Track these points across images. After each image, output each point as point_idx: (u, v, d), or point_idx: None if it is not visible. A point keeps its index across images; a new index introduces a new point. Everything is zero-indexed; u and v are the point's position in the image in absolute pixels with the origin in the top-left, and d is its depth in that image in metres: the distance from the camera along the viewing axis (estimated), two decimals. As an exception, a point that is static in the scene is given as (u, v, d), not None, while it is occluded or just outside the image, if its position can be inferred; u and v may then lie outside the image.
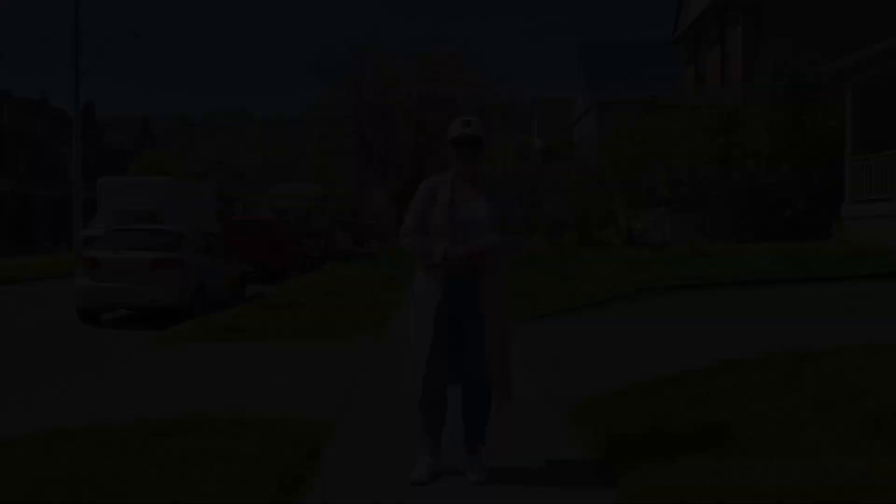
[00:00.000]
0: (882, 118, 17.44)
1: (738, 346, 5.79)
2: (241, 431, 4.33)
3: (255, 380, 6.53)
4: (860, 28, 20.12)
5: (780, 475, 2.99)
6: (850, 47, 17.66)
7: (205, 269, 12.44)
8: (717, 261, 11.28)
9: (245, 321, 9.98)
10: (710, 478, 3.10)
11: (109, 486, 3.32)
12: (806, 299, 8.32)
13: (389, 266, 20.02)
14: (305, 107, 48.79)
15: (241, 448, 3.96)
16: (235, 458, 3.79)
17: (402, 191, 45.35)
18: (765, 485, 2.91)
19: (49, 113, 50.98)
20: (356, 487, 3.74)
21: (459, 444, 3.96)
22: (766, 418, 3.68)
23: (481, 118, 4.66)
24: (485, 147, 3.90)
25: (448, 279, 3.79)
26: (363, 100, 44.18)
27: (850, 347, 4.89)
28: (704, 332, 6.83)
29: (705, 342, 6.34)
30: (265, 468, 3.69)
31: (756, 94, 18.79)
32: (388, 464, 4.07)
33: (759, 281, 9.93)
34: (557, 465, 3.97)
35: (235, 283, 14.38)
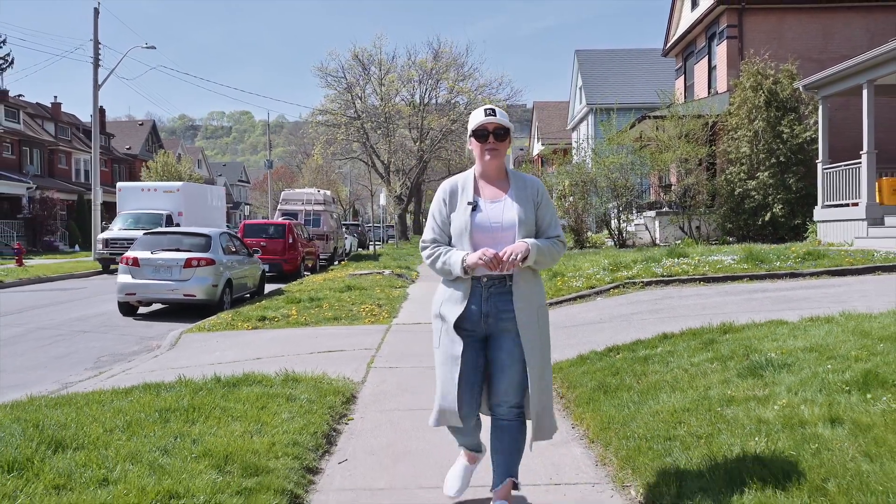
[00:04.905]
0: (849, 129, 18.83)
1: (686, 325, 7.15)
2: (294, 385, 5.72)
3: (296, 352, 7.89)
4: (838, 44, 21.55)
5: (679, 400, 4.37)
6: (830, 62, 19.02)
7: (231, 268, 13.83)
8: (690, 260, 12.62)
9: (272, 312, 11.37)
10: (633, 405, 4.49)
11: (215, 412, 4.72)
12: (759, 292, 9.69)
13: (395, 265, 21.44)
14: (310, 111, 50.17)
15: (297, 394, 5.34)
16: (296, 400, 5.18)
17: (405, 193, 46.97)
18: (666, 404, 4.30)
19: (61, 118, 52.55)
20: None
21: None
22: (683, 369, 5.06)
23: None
24: (510, 137, 3.43)
25: (475, 289, 3.31)
26: (367, 104, 45.77)
27: (763, 324, 6.28)
28: (665, 317, 8.19)
29: (663, 323, 7.69)
30: (319, 406, 5.09)
31: (738, 105, 20.12)
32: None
33: (724, 277, 11.30)
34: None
35: (256, 280, 15.76)
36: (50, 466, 3.67)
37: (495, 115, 3.37)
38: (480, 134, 3.39)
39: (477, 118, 3.41)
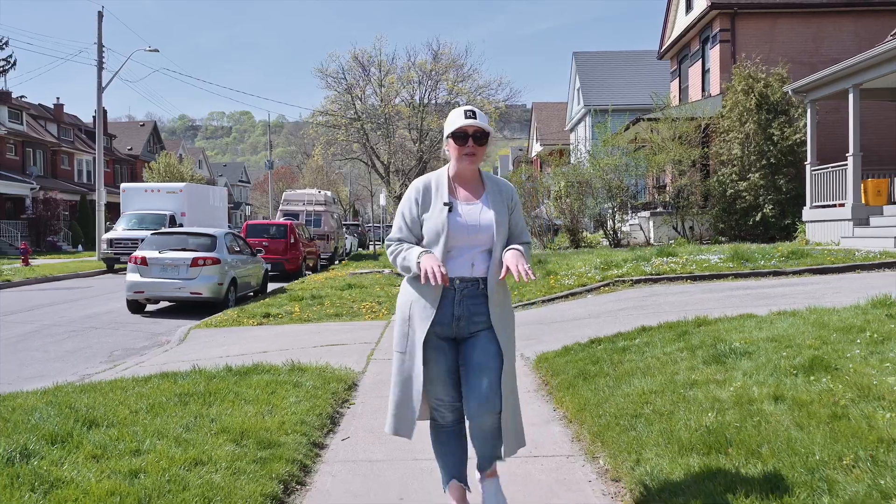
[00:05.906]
0: (841, 131, 19.29)
1: (667, 319, 7.62)
2: (300, 374, 6.20)
3: (300, 345, 8.37)
4: (828, 48, 22.01)
5: (648, 384, 4.85)
6: (821, 65, 19.47)
7: (236, 267, 14.30)
8: (679, 259, 13.09)
9: (276, 310, 11.85)
10: (608, 389, 4.97)
11: (229, 396, 5.20)
12: (741, 289, 10.15)
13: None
14: (311, 112, 50.67)
15: (304, 381, 5.82)
16: (302, 386, 5.66)
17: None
18: (637, 387, 4.78)
19: (64, 119, 53.06)
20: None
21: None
22: (656, 358, 5.54)
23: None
24: (489, 140, 3.30)
25: (446, 291, 3.23)
26: (367, 105, 46.23)
27: (734, 317, 6.75)
28: (649, 312, 8.66)
29: (646, 318, 8.16)
30: (323, 392, 5.57)
31: (730, 108, 20.58)
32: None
33: (710, 275, 11.77)
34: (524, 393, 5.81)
35: (259, 279, 16.24)
36: (87, 440, 4.15)
37: (475, 118, 3.23)
38: (459, 136, 3.26)
39: (456, 120, 3.26)
